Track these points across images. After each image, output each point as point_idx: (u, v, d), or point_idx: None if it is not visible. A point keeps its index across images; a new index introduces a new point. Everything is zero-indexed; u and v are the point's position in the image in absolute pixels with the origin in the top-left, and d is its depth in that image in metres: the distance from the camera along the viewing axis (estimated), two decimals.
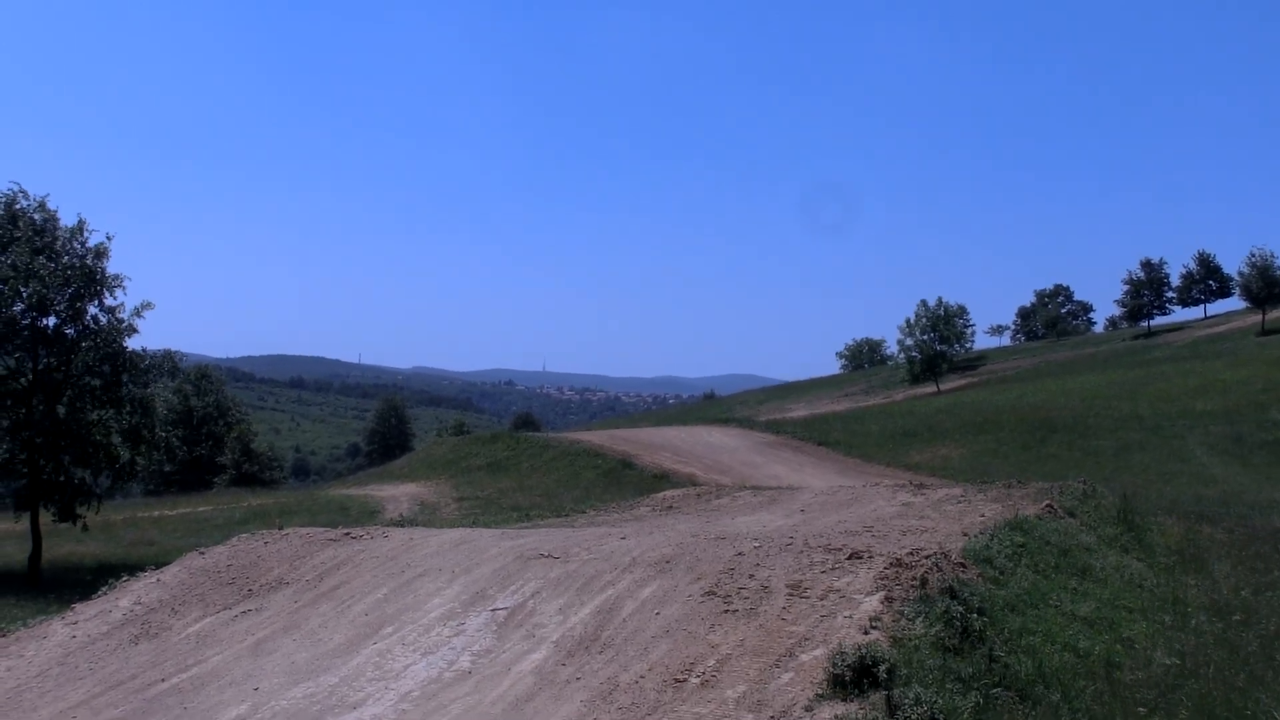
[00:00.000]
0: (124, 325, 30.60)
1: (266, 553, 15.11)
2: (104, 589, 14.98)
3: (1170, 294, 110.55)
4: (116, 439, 30.85)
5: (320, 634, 12.01)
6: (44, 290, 29.05)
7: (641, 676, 9.01)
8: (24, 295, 29.39)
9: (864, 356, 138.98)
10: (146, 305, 30.95)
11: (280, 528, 16.84)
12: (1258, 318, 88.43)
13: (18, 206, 29.94)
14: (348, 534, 15.70)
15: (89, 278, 29.97)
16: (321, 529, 16.53)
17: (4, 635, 13.81)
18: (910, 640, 8.89)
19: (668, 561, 11.60)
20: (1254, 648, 10.72)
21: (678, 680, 8.79)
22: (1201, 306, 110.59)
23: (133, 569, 15.88)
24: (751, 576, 10.73)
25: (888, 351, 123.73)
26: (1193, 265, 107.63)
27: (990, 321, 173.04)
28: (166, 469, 65.34)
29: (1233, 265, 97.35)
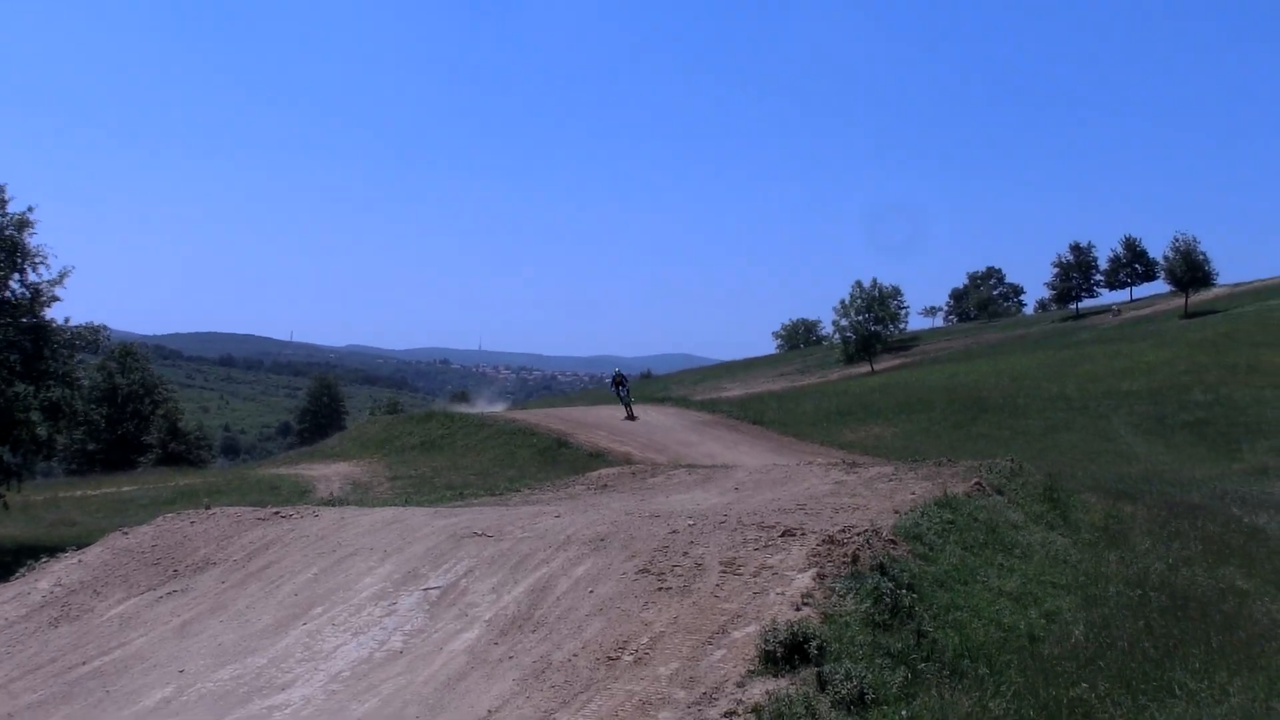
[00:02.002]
0: (44, 297, 29.86)
1: (193, 532, 14.90)
2: (22, 570, 14.65)
3: (1098, 277, 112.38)
4: (36, 415, 30.14)
5: (248, 615, 11.87)
6: None
7: (575, 655, 9.01)
8: None
9: (800, 337, 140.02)
10: (66, 272, 30.13)
11: (207, 507, 16.60)
12: (1181, 301, 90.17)
13: None
14: (277, 513, 15.52)
15: (10, 249, 29.25)
16: (250, 508, 16.32)
17: None
18: (841, 616, 8.97)
19: (602, 540, 11.59)
20: (1166, 620, 10.94)
21: (611, 658, 8.80)
22: (1128, 289, 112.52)
23: (53, 550, 15.57)
24: (685, 554, 10.76)
25: (823, 332, 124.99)
26: (1119, 250, 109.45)
27: (924, 303, 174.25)
28: (90, 448, 64.25)
29: (1158, 250, 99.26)
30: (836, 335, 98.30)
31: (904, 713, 7.69)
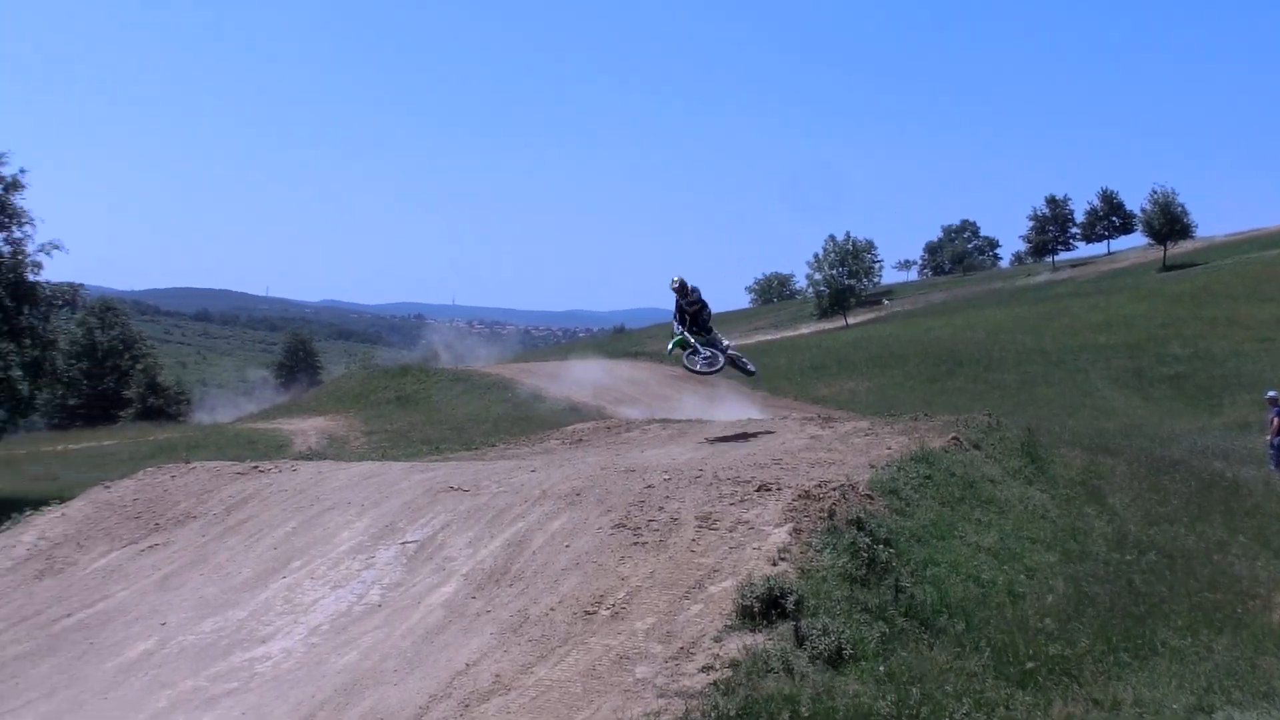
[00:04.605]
0: (27, 260, 29.88)
1: (173, 486, 14.88)
2: (6, 524, 14.63)
3: (1075, 230, 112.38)
4: (17, 372, 30.16)
5: (228, 568, 11.88)
6: None
7: (551, 609, 9.03)
8: None
9: (773, 291, 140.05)
10: (54, 245, 30.29)
11: (187, 461, 16.58)
12: (1159, 254, 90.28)
13: None
14: (255, 467, 15.50)
15: (1, 209, 29.23)
16: (229, 462, 16.31)
17: None
18: (818, 571, 9.00)
19: (577, 494, 11.60)
20: (1148, 577, 11.02)
21: (588, 612, 8.82)
22: (1105, 242, 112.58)
23: (36, 503, 15.53)
24: (661, 509, 10.76)
25: (797, 286, 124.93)
26: (1096, 202, 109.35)
27: (898, 256, 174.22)
28: (71, 403, 64.05)
29: (1135, 202, 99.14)
30: (810, 289, 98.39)
31: (881, 668, 7.73)
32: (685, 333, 18.98)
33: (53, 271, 32.54)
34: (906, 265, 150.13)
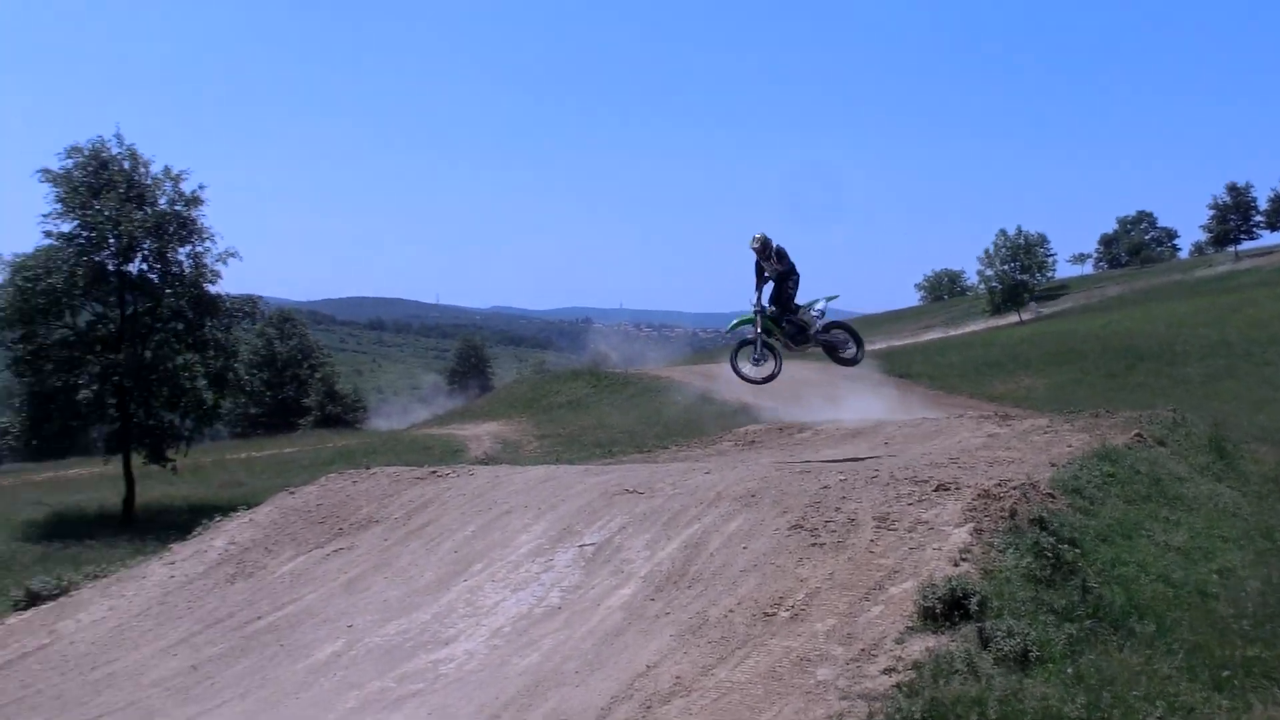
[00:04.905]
0: (208, 271, 31.09)
1: (355, 491, 15.24)
2: (198, 529, 15.12)
3: (1258, 218, 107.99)
4: (202, 382, 31.38)
5: (411, 571, 12.14)
6: (132, 237, 29.56)
7: (730, 610, 9.04)
8: (110, 243, 29.92)
9: (943, 288, 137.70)
10: (230, 254, 31.41)
11: (368, 467, 17.01)
12: None
13: (105, 155, 30.40)
14: (434, 472, 15.80)
15: (181, 224, 30.49)
16: (408, 468, 16.65)
17: (105, 576, 13.99)
18: (1000, 572, 8.83)
19: (753, 495, 11.58)
20: None
21: (767, 614, 8.81)
22: None
23: (224, 510, 16.03)
24: (838, 510, 10.69)
25: (968, 282, 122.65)
26: None
27: (1072, 250, 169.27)
28: (253, 411, 66.32)
29: None
30: (981, 285, 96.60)
31: (1070, 670, 7.54)
32: (758, 307, 16.12)
33: (231, 284, 33.79)
34: (1081, 259, 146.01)
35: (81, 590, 13.46)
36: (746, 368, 16.03)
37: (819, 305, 16.60)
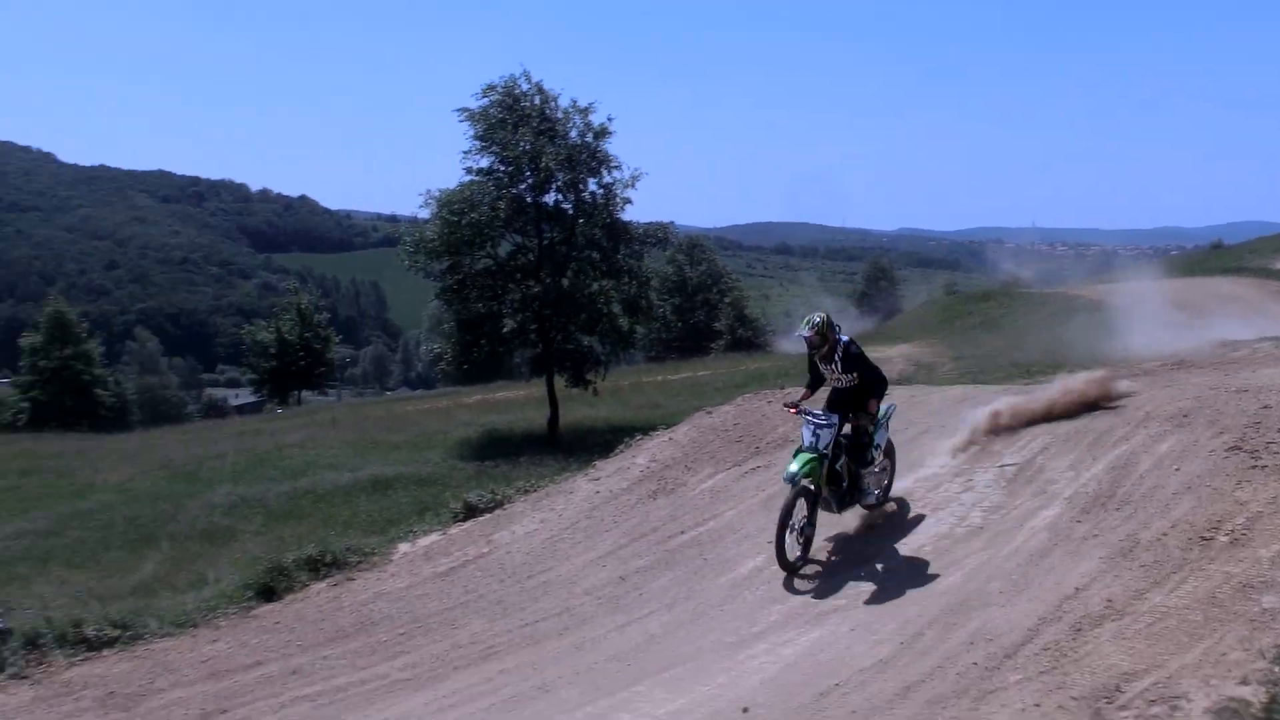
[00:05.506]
0: (618, 199, 32.17)
1: (769, 412, 15.47)
2: (620, 448, 15.86)
3: None
4: (616, 308, 32.58)
5: None
6: (549, 170, 31.04)
7: (1163, 534, 8.73)
8: (527, 176, 31.53)
9: None
10: (637, 175, 32.28)
11: (782, 387, 17.28)
12: None
13: (517, 91, 31.95)
14: None
15: (591, 155, 31.72)
16: None
17: (535, 491, 14.92)
18: None
19: (1185, 415, 11.06)
20: None
21: (1204, 538, 8.45)
22: None
23: (643, 430, 16.68)
24: None
25: None
26: None
27: None
28: (665, 336, 68.48)
29: None
30: None
31: None
32: (818, 438, 10.39)
33: (641, 213, 34.68)
34: None
35: (514, 504, 14.48)
36: (792, 545, 10.28)
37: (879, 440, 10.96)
